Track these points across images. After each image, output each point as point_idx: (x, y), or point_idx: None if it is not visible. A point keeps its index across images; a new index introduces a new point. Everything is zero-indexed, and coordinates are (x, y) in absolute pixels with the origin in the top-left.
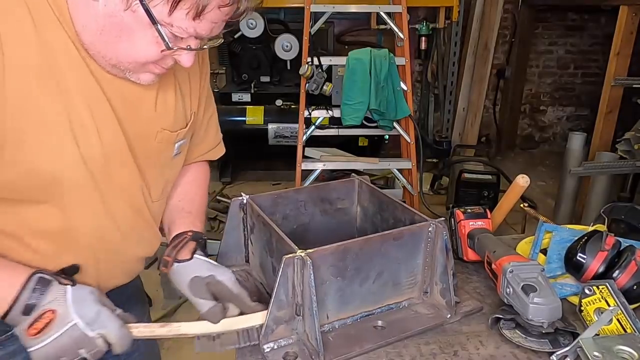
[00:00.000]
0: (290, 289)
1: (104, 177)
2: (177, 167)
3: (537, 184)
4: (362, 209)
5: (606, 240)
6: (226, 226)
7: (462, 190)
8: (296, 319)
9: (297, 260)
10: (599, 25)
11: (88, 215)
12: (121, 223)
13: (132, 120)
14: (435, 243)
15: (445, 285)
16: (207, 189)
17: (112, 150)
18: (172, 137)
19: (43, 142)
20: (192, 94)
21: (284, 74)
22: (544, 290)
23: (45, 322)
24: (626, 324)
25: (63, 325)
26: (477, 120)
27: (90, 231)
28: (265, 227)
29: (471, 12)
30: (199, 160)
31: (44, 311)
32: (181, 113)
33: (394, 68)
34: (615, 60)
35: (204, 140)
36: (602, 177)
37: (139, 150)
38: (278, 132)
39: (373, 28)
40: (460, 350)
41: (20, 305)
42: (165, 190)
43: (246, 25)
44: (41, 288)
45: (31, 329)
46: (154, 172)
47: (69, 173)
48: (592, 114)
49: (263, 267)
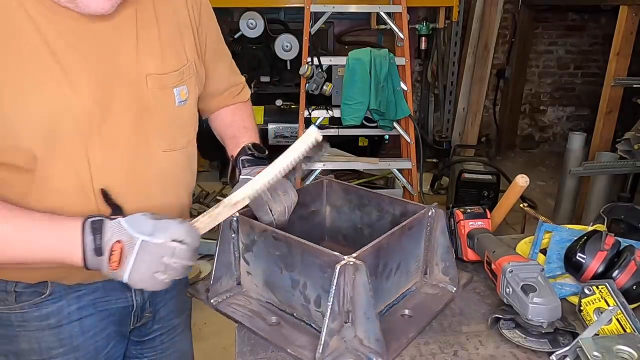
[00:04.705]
0: (341, 297)
1: (94, 131)
2: (186, 118)
3: (537, 184)
4: (334, 208)
5: (606, 240)
6: (217, 248)
7: (462, 190)
8: (344, 327)
9: (349, 266)
10: (599, 25)
11: (71, 170)
12: (121, 178)
13: (112, 69)
14: (436, 226)
15: (449, 263)
16: (252, 115)
17: (92, 102)
18: (164, 81)
19: (17, 106)
20: (187, 44)
21: (284, 74)
22: (544, 290)
23: (118, 253)
24: (626, 324)
25: (133, 247)
26: (477, 120)
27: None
28: (279, 240)
29: (471, 12)
30: (233, 103)
31: (111, 245)
32: (171, 57)
33: (394, 68)
34: (615, 60)
35: (232, 84)
36: (602, 177)
37: (128, 98)
38: (278, 132)
39: (373, 28)
40: (460, 350)
41: (90, 251)
42: (177, 141)
43: (246, 25)
44: (98, 228)
45: (111, 264)
46: (157, 120)
47: (53, 129)
48: (592, 114)
49: (272, 285)
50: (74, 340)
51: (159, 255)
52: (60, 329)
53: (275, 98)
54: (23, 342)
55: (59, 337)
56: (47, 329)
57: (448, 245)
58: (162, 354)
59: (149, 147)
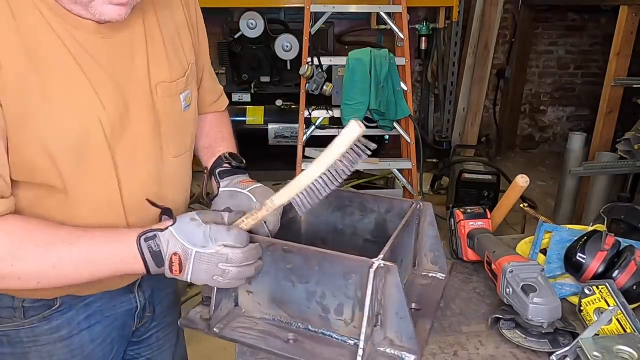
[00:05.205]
0: (374, 302)
1: (117, 143)
2: (191, 121)
3: (537, 184)
4: (310, 213)
5: (606, 240)
6: None
7: (462, 190)
8: (373, 331)
9: (380, 269)
10: (599, 25)
11: (100, 182)
12: (142, 188)
13: (129, 80)
14: (424, 218)
15: (438, 252)
16: (229, 125)
17: (117, 114)
18: (173, 88)
19: (49, 121)
20: (185, 46)
21: (284, 74)
22: (544, 290)
23: (177, 263)
24: (626, 324)
25: (189, 258)
26: (477, 120)
27: (110, 198)
28: (291, 252)
29: (471, 12)
30: (209, 111)
31: (169, 257)
32: (176, 63)
33: (394, 68)
34: (615, 60)
35: (209, 89)
36: (602, 177)
37: (143, 108)
38: (278, 132)
39: (373, 28)
40: (459, 350)
41: (151, 263)
42: (183, 145)
43: (246, 25)
44: (152, 242)
45: (174, 272)
46: (167, 128)
47: (83, 142)
48: (592, 114)
49: (281, 300)
50: (85, 349)
51: (214, 263)
52: (72, 339)
53: (275, 98)
54: (34, 359)
55: (70, 347)
56: (58, 341)
57: (436, 235)
58: (158, 350)
59: (162, 154)
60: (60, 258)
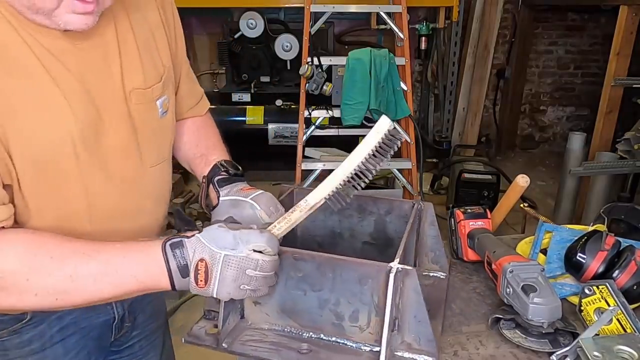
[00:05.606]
0: (394, 306)
1: (89, 154)
2: (169, 128)
3: (537, 184)
4: (306, 217)
5: (606, 240)
6: None
7: (462, 190)
8: (391, 336)
9: (399, 273)
10: (599, 25)
11: (80, 193)
12: (116, 201)
13: (102, 87)
14: (425, 219)
15: (439, 252)
16: (216, 130)
17: (89, 123)
18: (149, 95)
19: (15, 133)
20: (161, 49)
21: (284, 74)
22: (544, 290)
23: (204, 271)
24: (626, 324)
25: (217, 263)
26: (477, 120)
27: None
28: (303, 260)
29: (471, 12)
30: (189, 116)
31: (195, 264)
32: (151, 69)
33: (394, 68)
34: (615, 60)
35: (188, 93)
36: (602, 177)
37: (117, 117)
38: (278, 132)
39: (373, 28)
40: (460, 350)
41: (176, 273)
42: (161, 154)
43: (246, 25)
44: (178, 249)
45: (199, 283)
46: (144, 136)
47: (50, 155)
48: (592, 114)
49: (292, 310)
50: None
51: (243, 269)
52: (44, 352)
53: (275, 98)
54: None
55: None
56: (29, 355)
57: (437, 235)
58: (144, 358)
59: (139, 164)
60: (77, 270)
